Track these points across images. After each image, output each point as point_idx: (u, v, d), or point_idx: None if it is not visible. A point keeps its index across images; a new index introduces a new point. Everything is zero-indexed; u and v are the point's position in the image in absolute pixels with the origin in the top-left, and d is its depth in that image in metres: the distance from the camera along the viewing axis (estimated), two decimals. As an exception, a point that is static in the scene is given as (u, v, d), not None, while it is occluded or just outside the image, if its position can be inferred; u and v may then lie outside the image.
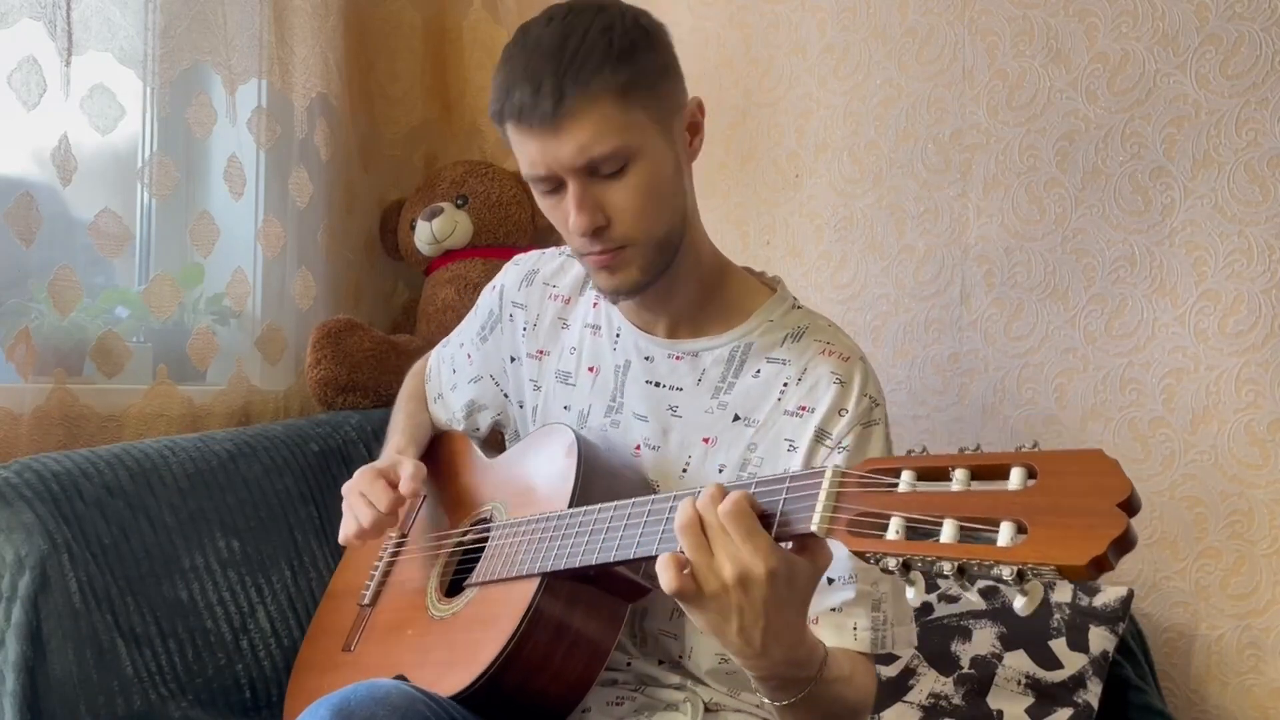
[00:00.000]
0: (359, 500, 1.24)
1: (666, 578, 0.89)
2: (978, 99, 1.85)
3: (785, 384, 1.18)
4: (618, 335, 1.26)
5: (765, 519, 0.89)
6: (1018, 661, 1.59)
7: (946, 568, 0.73)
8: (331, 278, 2.08)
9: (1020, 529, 0.72)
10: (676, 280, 1.18)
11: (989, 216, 1.84)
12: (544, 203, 1.14)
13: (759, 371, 1.19)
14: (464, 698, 1.07)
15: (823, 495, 0.85)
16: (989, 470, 0.77)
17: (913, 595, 0.78)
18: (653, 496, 1.02)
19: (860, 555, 0.80)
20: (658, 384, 1.23)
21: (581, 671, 1.10)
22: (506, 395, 1.39)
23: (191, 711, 1.41)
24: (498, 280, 1.40)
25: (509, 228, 2.17)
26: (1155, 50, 1.70)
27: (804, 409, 1.16)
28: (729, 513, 0.88)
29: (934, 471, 0.79)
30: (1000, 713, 1.56)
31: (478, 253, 2.16)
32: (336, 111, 2.06)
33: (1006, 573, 0.70)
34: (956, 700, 1.58)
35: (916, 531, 0.77)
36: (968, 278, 1.86)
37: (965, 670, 1.60)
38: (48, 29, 1.52)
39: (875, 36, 1.94)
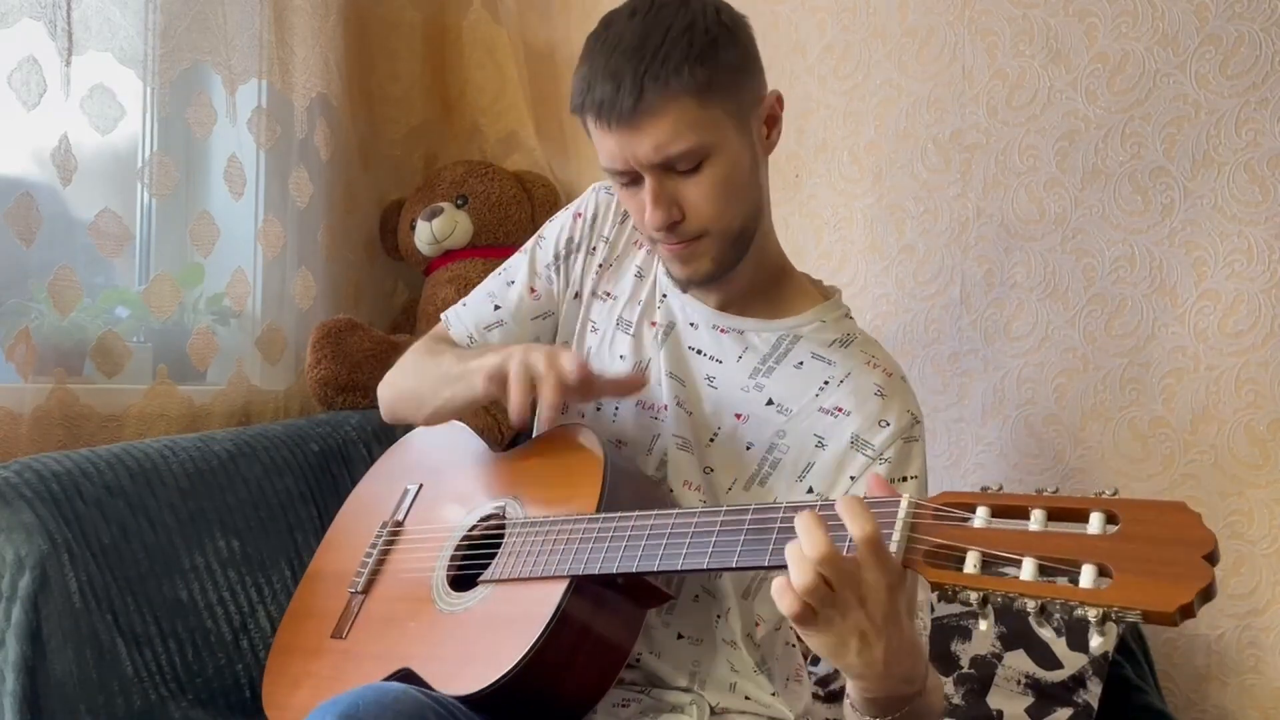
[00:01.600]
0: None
1: (785, 603, 0.85)
2: (978, 99, 1.85)
3: (826, 382, 1.19)
4: (663, 297, 1.27)
5: None
6: (1018, 661, 1.59)
7: (1029, 605, 0.75)
8: (331, 278, 2.08)
9: (1103, 572, 0.73)
10: (742, 268, 1.19)
11: (989, 216, 1.84)
12: (621, 193, 1.16)
13: (802, 364, 1.20)
14: (480, 697, 1.06)
15: (899, 525, 0.84)
16: (1067, 513, 0.78)
17: (984, 627, 0.78)
18: (699, 509, 1.03)
19: (938, 586, 0.80)
20: (699, 351, 1.24)
21: (599, 676, 1.10)
22: (556, 336, 1.34)
23: (191, 711, 1.41)
24: (584, 207, 1.32)
25: (509, 228, 2.17)
26: (1155, 50, 1.70)
27: (840, 410, 1.17)
28: (865, 539, 0.83)
29: (1010, 510, 0.80)
30: (1000, 713, 1.56)
31: (478, 253, 2.16)
32: (336, 111, 2.06)
33: (1092, 614, 0.72)
34: (956, 700, 1.58)
35: (994, 567, 0.78)
36: (968, 278, 1.86)
37: (965, 670, 1.60)
38: (48, 29, 1.52)
39: (875, 36, 1.94)
